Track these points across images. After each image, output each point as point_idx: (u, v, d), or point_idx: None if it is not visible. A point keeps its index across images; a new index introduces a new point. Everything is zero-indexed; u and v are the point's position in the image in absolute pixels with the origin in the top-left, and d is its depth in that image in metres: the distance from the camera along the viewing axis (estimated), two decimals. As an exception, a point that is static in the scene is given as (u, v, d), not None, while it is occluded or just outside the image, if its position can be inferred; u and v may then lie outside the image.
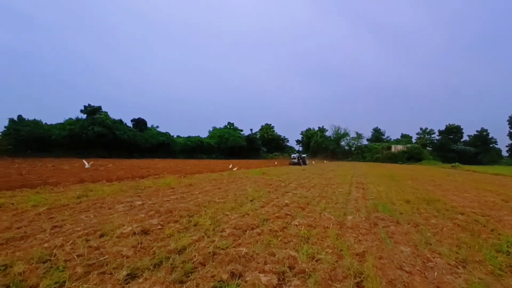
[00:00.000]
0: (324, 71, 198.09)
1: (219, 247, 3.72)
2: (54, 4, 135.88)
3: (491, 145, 63.50)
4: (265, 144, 72.93)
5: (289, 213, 5.91)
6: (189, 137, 52.38)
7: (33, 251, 3.40)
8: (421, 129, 73.63)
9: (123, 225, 4.59)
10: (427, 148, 60.29)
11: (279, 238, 4.24)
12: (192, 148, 49.00)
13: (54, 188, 8.93)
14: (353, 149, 68.28)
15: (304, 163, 34.76)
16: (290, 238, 4.27)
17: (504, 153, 64.14)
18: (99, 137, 35.51)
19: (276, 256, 3.52)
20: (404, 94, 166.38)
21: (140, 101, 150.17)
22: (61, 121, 36.85)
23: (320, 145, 65.77)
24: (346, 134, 73.03)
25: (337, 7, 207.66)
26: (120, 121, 39.88)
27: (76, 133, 34.38)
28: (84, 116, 37.29)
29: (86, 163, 17.84)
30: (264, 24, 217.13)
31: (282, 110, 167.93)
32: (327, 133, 75.97)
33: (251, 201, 7.50)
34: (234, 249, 3.62)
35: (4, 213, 5.32)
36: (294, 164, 33.29)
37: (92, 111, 36.64)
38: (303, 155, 37.55)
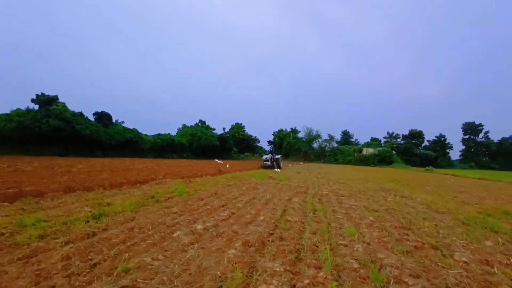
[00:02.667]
0: (294, 76, 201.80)
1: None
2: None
3: (447, 150, 69.67)
4: (236, 144, 70.79)
5: (420, 240, 4.44)
6: (159, 134, 48.29)
7: None
8: (388, 133, 77.39)
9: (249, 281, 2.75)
10: (393, 151, 63.52)
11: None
12: (162, 147, 45.20)
13: (40, 200, 6.42)
14: (325, 151, 69.38)
15: (279, 166, 28.20)
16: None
17: (457, 157, 71.46)
18: (55, 132, 30.56)
19: None
20: (371, 100, 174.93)
21: (101, 96, 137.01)
22: (7, 111, 31.11)
23: (292, 147, 65.68)
24: (318, 136, 73.91)
25: (302, 14, 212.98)
26: (81, 114, 34.99)
27: (27, 126, 29.12)
28: (36, 106, 31.93)
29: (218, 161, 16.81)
30: (234, 23, 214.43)
31: (252, 111, 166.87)
32: (299, 135, 76.44)
33: (325, 217, 5.93)
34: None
35: (4, 256, 3.08)
36: (267, 167, 26.91)
37: (46, 101, 31.40)
38: (277, 156, 30.13)
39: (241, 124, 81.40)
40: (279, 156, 31.16)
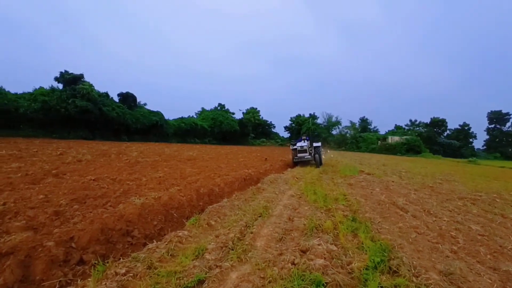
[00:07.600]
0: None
1: None
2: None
3: (471, 139, 67.14)
4: (252, 130, 68.49)
5: None
6: (182, 118, 45.92)
7: None
8: (410, 121, 73.24)
9: None
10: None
11: None
12: (186, 131, 42.99)
13: (218, 219, 4.33)
14: (347, 138, 66.87)
15: (320, 162, 16.50)
16: None
17: (479, 147, 69.73)
18: (82, 114, 28.31)
19: None
20: (389, 88, 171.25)
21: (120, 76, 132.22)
22: (30, 90, 28.67)
23: (312, 133, 63.26)
24: (338, 123, 70.75)
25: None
26: (107, 94, 32.62)
27: (53, 107, 26.81)
28: (59, 85, 29.43)
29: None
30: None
31: (266, 97, 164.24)
32: (318, 121, 73.63)
33: None
34: None
35: None
36: (302, 162, 16.63)
37: (71, 80, 28.83)
38: (316, 144, 17.25)
39: (256, 108, 78.58)
40: (319, 144, 17.67)
